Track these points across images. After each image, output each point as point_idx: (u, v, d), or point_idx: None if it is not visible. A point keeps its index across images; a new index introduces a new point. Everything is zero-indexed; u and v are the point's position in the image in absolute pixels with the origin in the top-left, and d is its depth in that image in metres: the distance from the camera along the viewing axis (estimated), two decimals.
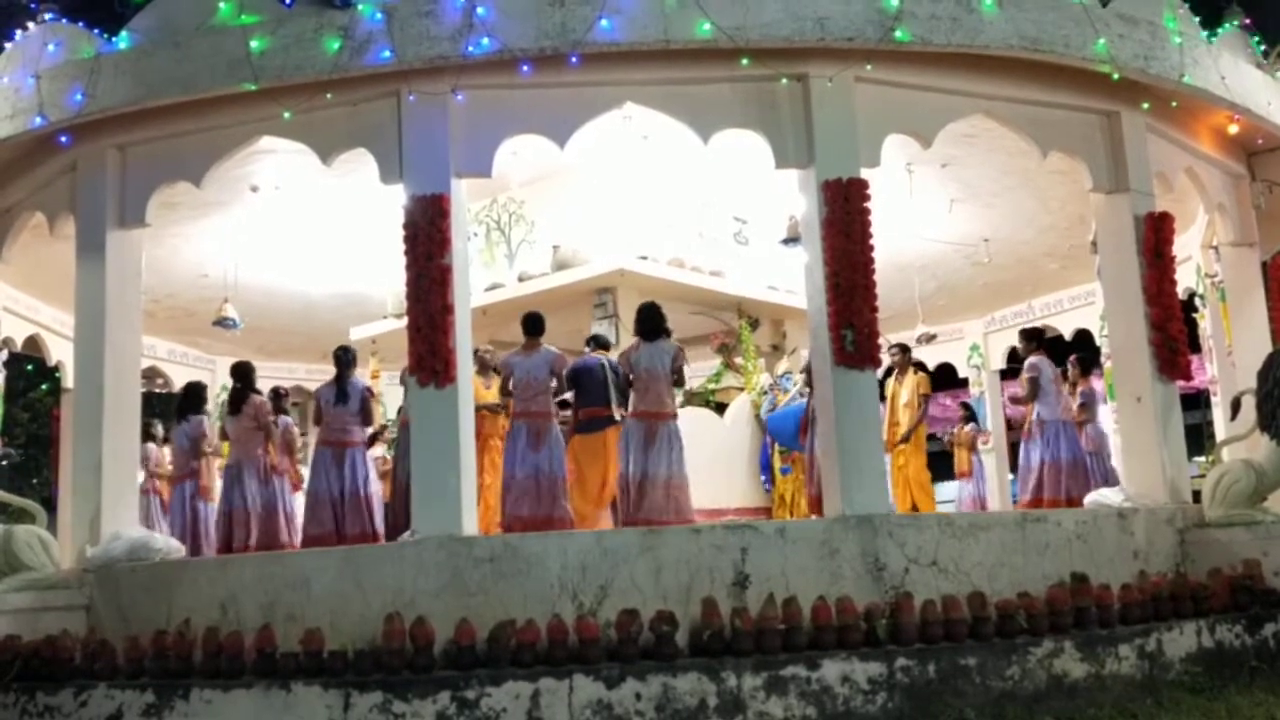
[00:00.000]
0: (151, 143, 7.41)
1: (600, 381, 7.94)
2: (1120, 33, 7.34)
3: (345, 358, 8.46)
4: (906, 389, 9.77)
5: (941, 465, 13.39)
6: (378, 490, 8.50)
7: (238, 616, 6.18)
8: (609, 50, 6.55)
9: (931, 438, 11.84)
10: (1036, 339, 9.57)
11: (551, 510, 7.48)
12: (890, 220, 8.65)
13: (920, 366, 11.14)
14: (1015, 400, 10.43)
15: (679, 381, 7.71)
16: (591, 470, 7.93)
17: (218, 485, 9.48)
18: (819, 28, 6.59)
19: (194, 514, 9.15)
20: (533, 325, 7.97)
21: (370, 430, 8.68)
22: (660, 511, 7.24)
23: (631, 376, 7.60)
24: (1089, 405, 10.08)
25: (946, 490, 15.51)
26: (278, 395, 9.44)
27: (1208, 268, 10.03)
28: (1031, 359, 9.26)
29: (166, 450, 10.55)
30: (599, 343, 8.35)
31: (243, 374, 8.83)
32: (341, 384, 8.34)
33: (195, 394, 9.73)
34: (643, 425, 7.46)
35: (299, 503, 8.98)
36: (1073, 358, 10.18)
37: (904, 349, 9.93)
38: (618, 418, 7.91)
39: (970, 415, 13.62)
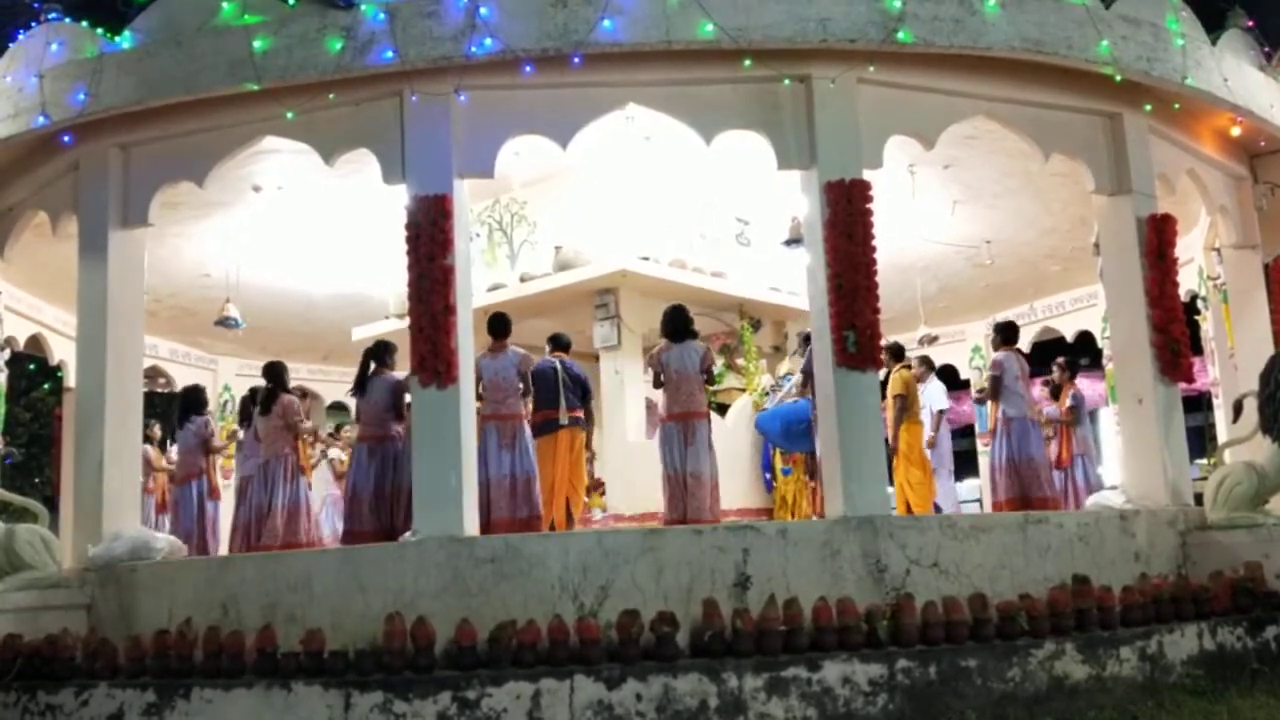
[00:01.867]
0: (154, 142, 7.42)
1: (552, 384, 7.98)
2: (1123, 34, 7.34)
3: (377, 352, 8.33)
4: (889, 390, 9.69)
5: None
6: None
7: (239, 616, 6.19)
8: (611, 51, 6.55)
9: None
10: (1005, 333, 9.30)
11: (530, 511, 7.51)
12: (892, 221, 8.64)
13: (925, 363, 11.07)
14: (980, 400, 10.31)
15: (710, 380, 7.84)
16: (542, 473, 7.96)
17: (222, 483, 9.51)
18: (821, 29, 6.59)
19: (202, 513, 9.13)
20: (499, 327, 7.96)
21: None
22: (705, 510, 7.33)
23: (662, 378, 7.69)
24: (1077, 408, 10.03)
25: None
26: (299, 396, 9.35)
27: (1210, 270, 10.03)
28: (997, 355, 9.10)
29: (173, 450, 10.53)
30: (557, 344, 8.38)
31: (275, 374, 8.76)
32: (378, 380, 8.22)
33: (196, 395, 9.77)
34: (679, 426, 7.54)
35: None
36: (1059, 360, 10.08)
37: (888, 350, 9.71)
38: (564, 421, 8.02)
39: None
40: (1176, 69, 7.60)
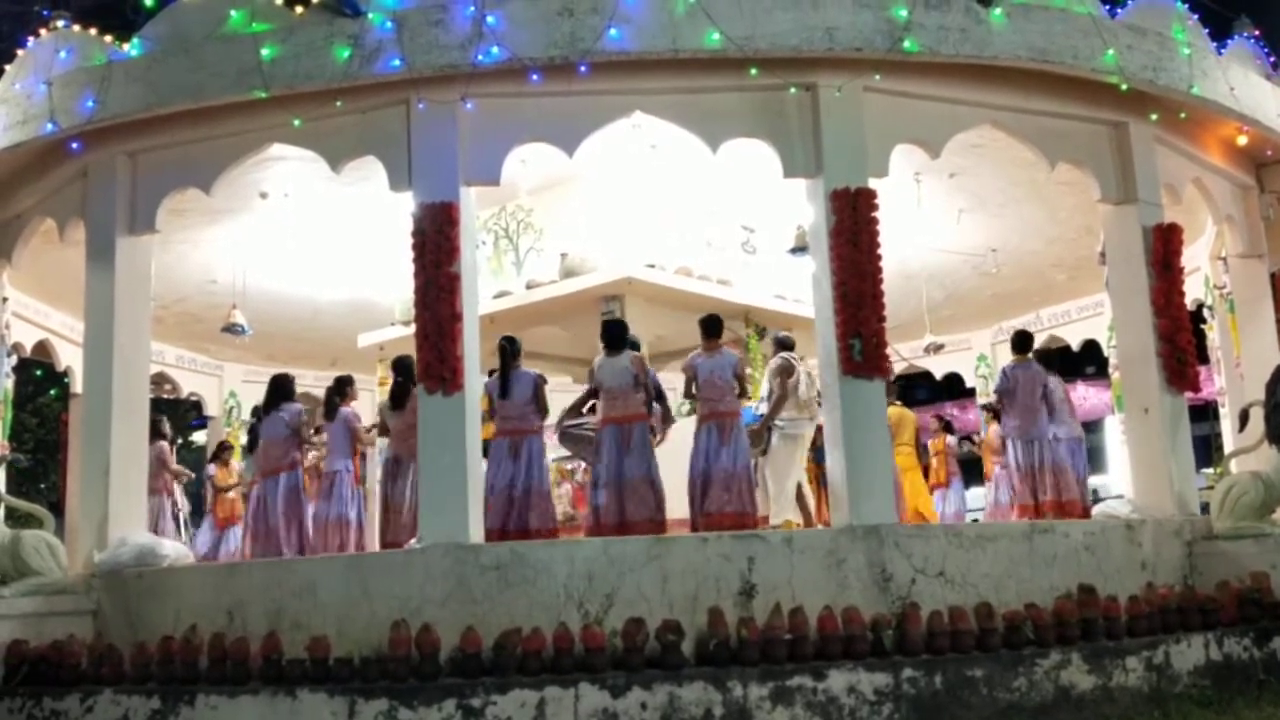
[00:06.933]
0: (162, 149, 7.45)
1: None
2: (1129, 44, 7.35)
3: (511, 349, 7.87)
4: None
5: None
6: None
7: (244, 623, 6.20)
8: (618, 59, 6.57)
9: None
10: (1025, 347, 9.19)
11: (740, 507, 7.27)
12: (898, 230, 8.65)
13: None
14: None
15: None
16: None
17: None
18: (828, 38, 6.60)
19: (292, 507, 8.44)
20: (713, 327, 7.87)
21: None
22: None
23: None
24: None
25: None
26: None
27: (1216, 279, 10.01)
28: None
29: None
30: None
31: (406, 368, 8.25)
32: (505, 376, 7.75)
33: (287, 383, 8.95)
34: None
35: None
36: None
37: None
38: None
39: (946, 426, 13.47)
40: (1182, 78, 7.60)
